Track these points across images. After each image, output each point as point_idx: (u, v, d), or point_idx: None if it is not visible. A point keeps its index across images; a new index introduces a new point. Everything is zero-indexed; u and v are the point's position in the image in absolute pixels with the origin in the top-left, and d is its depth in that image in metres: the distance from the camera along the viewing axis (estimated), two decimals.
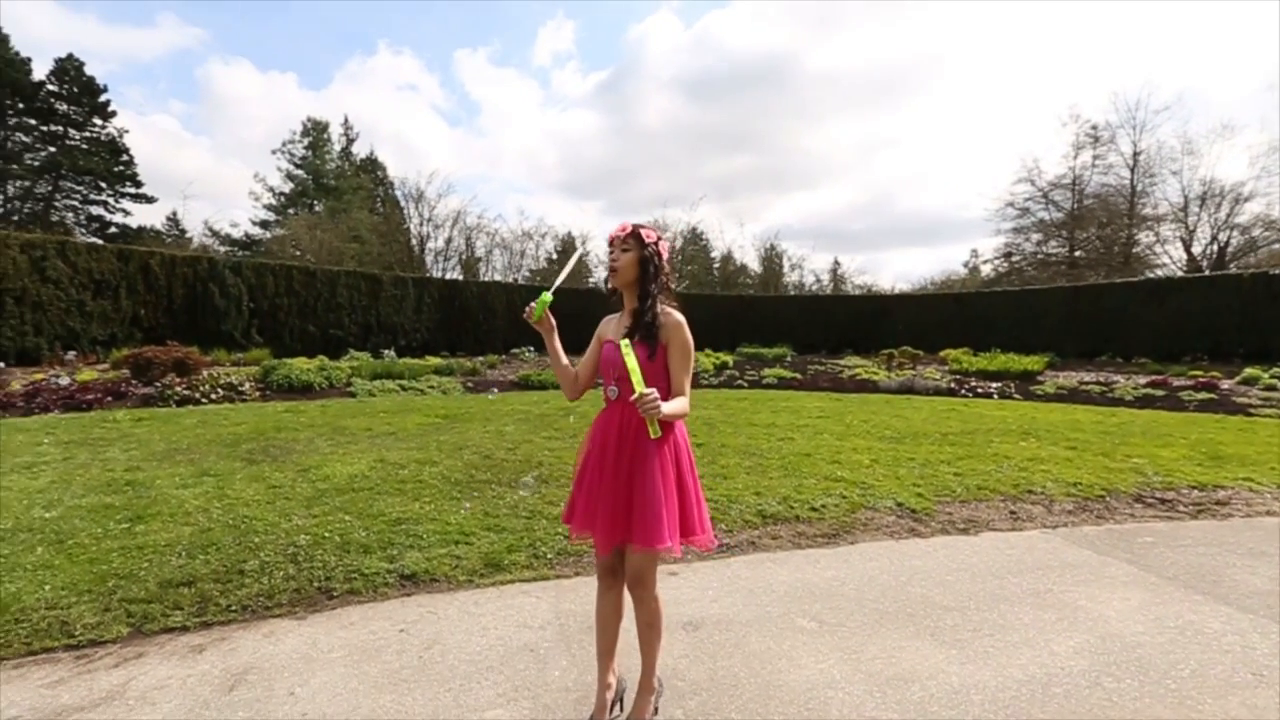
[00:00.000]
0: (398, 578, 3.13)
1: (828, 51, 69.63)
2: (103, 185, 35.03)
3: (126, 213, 36.08)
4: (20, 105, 32.51)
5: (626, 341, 1.80)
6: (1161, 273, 30.06)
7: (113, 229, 35.14)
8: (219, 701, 2.15)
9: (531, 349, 18.94)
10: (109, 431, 6.47)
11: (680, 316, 1.91)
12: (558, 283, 2.12)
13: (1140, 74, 56.78)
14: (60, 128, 33.78)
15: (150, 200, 36.86)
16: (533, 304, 1.98)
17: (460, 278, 30.20)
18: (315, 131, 41.08)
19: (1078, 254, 34.93)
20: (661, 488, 1.81)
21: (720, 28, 72.02)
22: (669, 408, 1.77)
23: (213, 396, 9.08)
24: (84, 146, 34.22)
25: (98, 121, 34.86)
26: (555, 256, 43.78)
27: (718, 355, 18.13)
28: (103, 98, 34.76)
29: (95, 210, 35.30)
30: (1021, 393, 11.93)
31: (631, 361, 1.75)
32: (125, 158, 35.64)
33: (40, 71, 33.04)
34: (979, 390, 12.13)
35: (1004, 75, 67.21)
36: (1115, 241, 32.99)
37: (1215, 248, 30.16)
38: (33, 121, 33.13)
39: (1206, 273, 26.06)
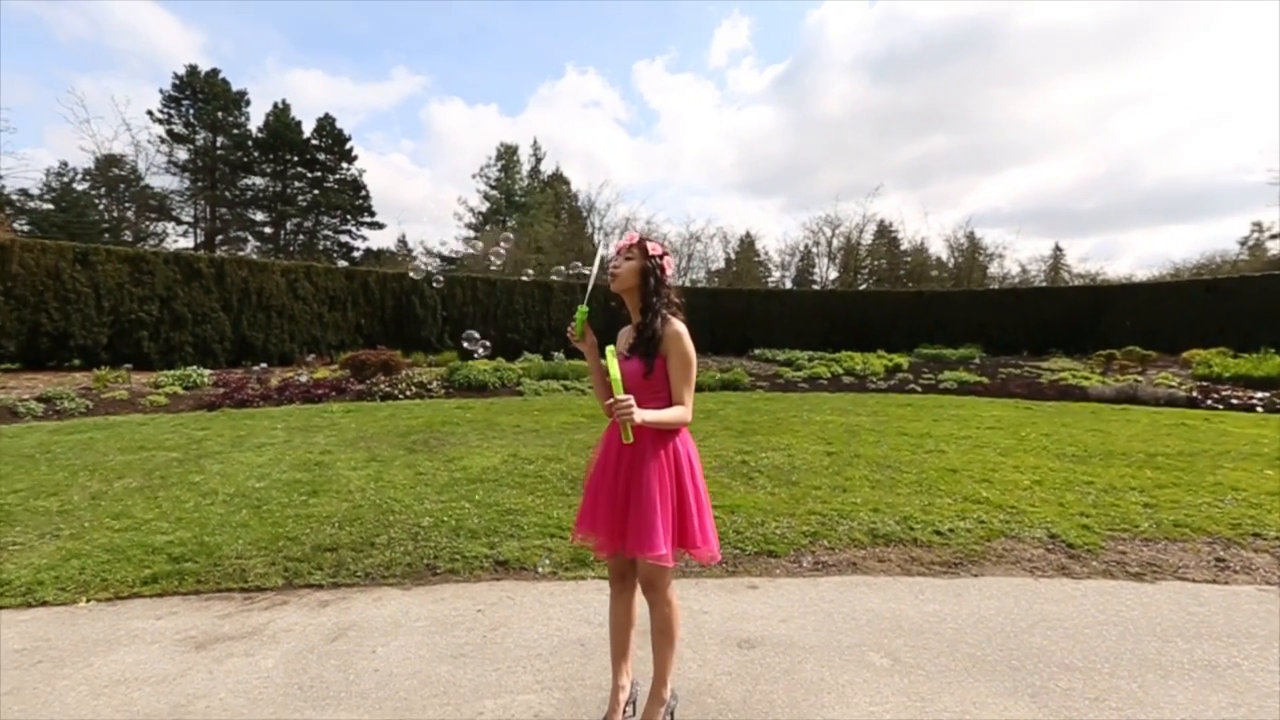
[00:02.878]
0: (493, 563, 3.42)
1: (1044, 4, 60.64)
2: (348, 217, 42.91)
3: (364, 238, 43.83)
4: (295, 158, 41.18)
5: (611, 348, 1.81)
6: None
7: (355, 253, 42.87)
8: (321, 649, 2.54)
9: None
10: (323, 421, 7.91)
11: (680, 327, 1.87)
12: (589, 291, 2.02)
13: None
14: (320, 173, 42.07)
15: (381, 226, 44.35)
16: (572, 324, 1.94)
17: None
18: (507, 155, 45.95)
19: None
20: (657, 496, 1.79)
21: None
22: (653, 415, 1.75)
23: (407, 393, 10.63)
24: (335, 187, 42.19)
25: (345, 165, 42.81)
26: (733, 256, 43.49)
27: (890, 357, 16.74)
28: (348, 145, 42.67)
29: (343, 238, 43.38)
30: None
31: (614, 370, 1.74)
32: (364, 193, 43.26)
33: (306, 130, 41.44)
34: (1234, 401, 9.72)
35: None
36: None
37: None
38: (302, 170, 41.73)
39: None
